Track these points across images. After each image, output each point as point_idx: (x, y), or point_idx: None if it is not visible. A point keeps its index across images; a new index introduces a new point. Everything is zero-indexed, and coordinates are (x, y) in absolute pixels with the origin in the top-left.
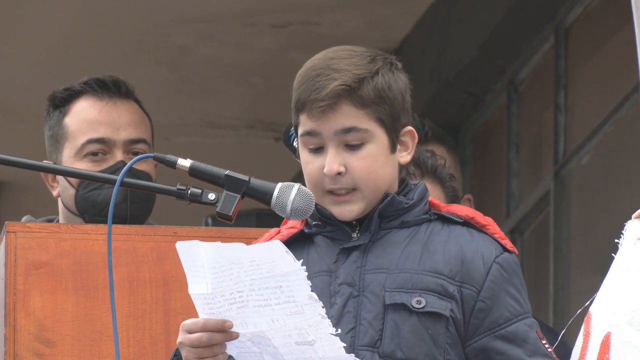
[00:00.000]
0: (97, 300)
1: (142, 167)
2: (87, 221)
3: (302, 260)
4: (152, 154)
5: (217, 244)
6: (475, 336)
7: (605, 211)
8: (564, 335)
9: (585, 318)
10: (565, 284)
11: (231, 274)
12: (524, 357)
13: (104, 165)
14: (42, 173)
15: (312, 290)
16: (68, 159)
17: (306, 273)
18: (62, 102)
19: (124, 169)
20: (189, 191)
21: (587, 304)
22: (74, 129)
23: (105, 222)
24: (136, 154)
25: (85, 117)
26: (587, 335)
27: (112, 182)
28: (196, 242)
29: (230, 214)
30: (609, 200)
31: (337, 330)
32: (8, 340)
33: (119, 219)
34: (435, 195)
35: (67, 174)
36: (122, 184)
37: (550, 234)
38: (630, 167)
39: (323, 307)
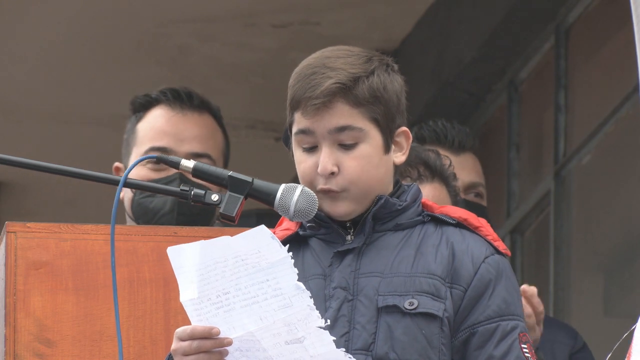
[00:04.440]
0: (97, 300)
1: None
2: None
3: (291, 253)
4: (154, 155)
5: (201, 242)
6: (457, 333)
7: (605, 211)
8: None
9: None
10: (565, 284)
11: (216, 273)
12: (495, 353)
13: (163, 175)
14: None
15: (298, 280)
16: None
17: (292, 260)
18: (139, 107)
19: (128, 169)
20: (192, 192)
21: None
22: (142, 135)
23: None
24: None
25: (154, 125)
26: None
27: (115, 183)
28: (183, 246)
29: (234, 214)
30: (609, 200)
31: (326, 322)
32: (8, 340)
33: None
34: (442, 196)
35: (66, 173)
36: (126, 184)
37: (551, 234)
38: (630, 167)
39: (311, 298)
